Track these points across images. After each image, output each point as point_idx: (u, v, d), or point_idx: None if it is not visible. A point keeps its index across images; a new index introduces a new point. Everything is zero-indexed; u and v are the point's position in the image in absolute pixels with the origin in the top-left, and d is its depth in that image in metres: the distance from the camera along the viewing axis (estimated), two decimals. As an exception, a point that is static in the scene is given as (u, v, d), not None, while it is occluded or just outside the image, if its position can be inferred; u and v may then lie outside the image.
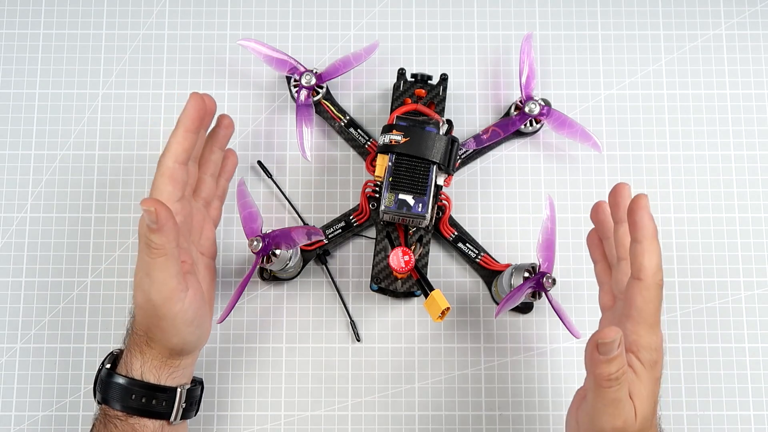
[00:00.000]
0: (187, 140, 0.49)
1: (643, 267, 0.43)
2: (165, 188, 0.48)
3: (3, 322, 0.60)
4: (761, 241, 0.62)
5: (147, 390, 0.48)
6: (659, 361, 0.45)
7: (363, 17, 0.65)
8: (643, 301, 0.43)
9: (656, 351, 0.44)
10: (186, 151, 0.49)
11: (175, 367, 0.50)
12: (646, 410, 0.43)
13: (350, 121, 0.62)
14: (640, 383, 0.44)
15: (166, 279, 0.46)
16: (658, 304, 0.44)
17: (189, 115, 0.50)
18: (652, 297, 0.43)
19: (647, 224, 0.43)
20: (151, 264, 0.46)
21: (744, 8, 0.65)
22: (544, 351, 0.60)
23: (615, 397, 0.43)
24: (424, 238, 0.58)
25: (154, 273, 0.46)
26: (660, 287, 0.44)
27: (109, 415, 0.48)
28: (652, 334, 0.44)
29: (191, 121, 0.50)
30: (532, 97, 0.60)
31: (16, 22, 0.65)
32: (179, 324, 0.48)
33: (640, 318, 0.44)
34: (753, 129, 0.63)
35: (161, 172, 0.49)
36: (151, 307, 0.47)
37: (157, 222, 0.45)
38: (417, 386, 0.59)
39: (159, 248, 0.45)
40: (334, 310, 0.61)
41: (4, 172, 0.63)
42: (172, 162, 0.49)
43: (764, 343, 0.60)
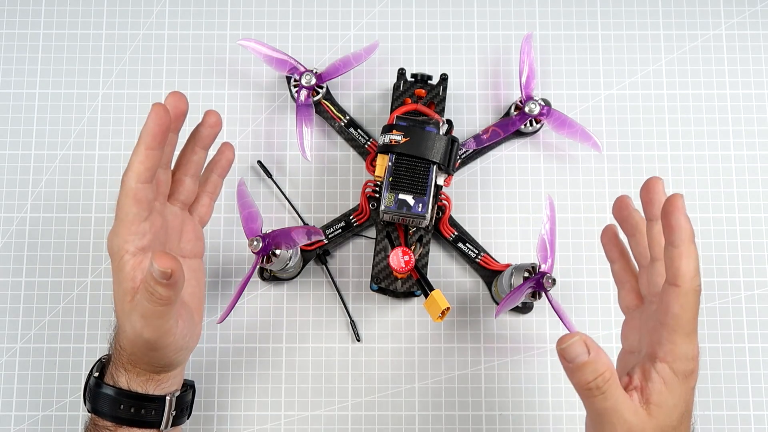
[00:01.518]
0: (150, 158, 0.45)
1: (681, 273, 0.40)
2: (130, 210, 0.45)
3: (3, 322, 0.60)
4: (761, 241, 0.62)
5: (135, 400, 0.47)
6: (695, 371, 0.42)
7: (363, 17, 0.65)
8: (680, 308, 0.41)
9: (692, 361, 0.42)
10: (149, 170, 0.46)
11: (162, 380, 0.49)
12: (666, 421, 0.41)
13: (350, 121, 0.62)
14: (667, 393, 0.41)
15: (163, 323, 0.45)
16: (696, 311, 0.41)
17: (150, 132, 0.45)
18: (689, 304, 0.41)
19: (684, 227, 0.40)
20: (150, 311, 0.44)
21: (744, 8, 0.65)
22: (544, 351, 0.60)
23: (602, 406, 0.41)
24: (424, 238, 0.58)
25: (151, 318, 0.44)
26: (698, 293, 0.41)
27: (98, 424, 0.48)
28: (689, 343, 0.41)
29: (152, 138, 0.45)
30: (532, 97, 0.60)
31: (16, 22, 0.65)
32: (169, 353, 0.47)
33: (677, 326, 0.41)
34: (753, 129, 0.63)
35: (125, 192, 0.45)
36: (142, 342, 0.46)
37: (171, 279, 0.42)
38: (417, 386, 0.59)
39: (163, 300, 0.44)
40: (334, 310, 0.61)
41: (4, 172, 0.63)
42: (135, 182, 0.45)
43: (764, 343, 0.60)
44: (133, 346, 0.47)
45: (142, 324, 0.45)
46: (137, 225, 0.46)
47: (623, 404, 0.41)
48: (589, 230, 0.62)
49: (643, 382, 0.42)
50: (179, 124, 0.49)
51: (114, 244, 0.46)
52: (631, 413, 0.41)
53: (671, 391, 0.41)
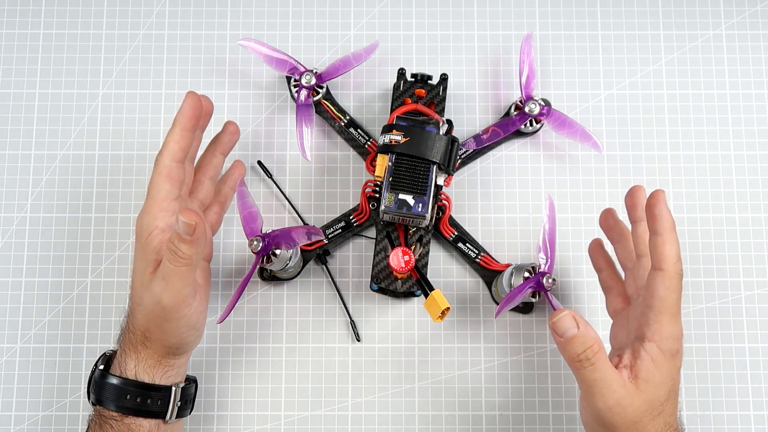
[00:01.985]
0: (184, 139, 0.50)
1: (664, 257, 0.45)
2: (163, 186, 0.49)
3: (3, 322, 0.60)
4: (761, 241, 0.62)
5: (142, 389, 0.48)
6: (680, 351, 0.46)
7: (363, 17, 0.65)
8: (665, 290, 0.45)
9: (677, 340, 0.45)
10: (183, 150, 0.50)
11: (170, 366, 0.50)
12: (654, 395, 0.45)
13: (350, 121, 0.62)
14: (655, 369, 0.45)
15: (183, 287, 0.47)
16: (679, 293, 0.46)
17: (185, 114, 0.50)
18: (673, 286, 0.45)
19: (666, 216, 0.45)
20: (172, 271, 0.46)
21: (744, 8, 0.65)
22: (544, 351, 0.60)
23: (592, 377, 0.44)
24: (424, 238, 0.58)
25: (172, 279, 0.46)
26: (680, 276, 0.45)
27: (104, 415, 0.48)
28: (674, 324, 0.45)
29: (187, 120, 0.50)
30: (532, 97, 0.60)
31: (16, 22, 0.65)
32: (182, 327, 0.48)
33: (663, 307, 0.45)
34: (753, 129, 0.63)
35: (158, 170, 0.49)
36: (159, 310, 0.47)
37: (195, 234, 0.45)
38: (417, 386, 0.59)
39: (185, 258, 0.45)
40: (334, 310, 0.61)
41: (4, 172, 0.63)
42: (169, 160, 0.49)
43: (764, 343, 0.60)
44: (148, 319, 0.48)
45: (163, 287, 0.46)
46: (168, 202, 0.49)
47: (612, 376, 0.44)
48: (589, 230, 0.62)
49: (633, 360, 0.46)
50: (205, 121, 0.53)
51: (144, 221, 0.48)
52: (619, 385, 0.44)
53: (659, 367, 0.45)
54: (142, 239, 0.48)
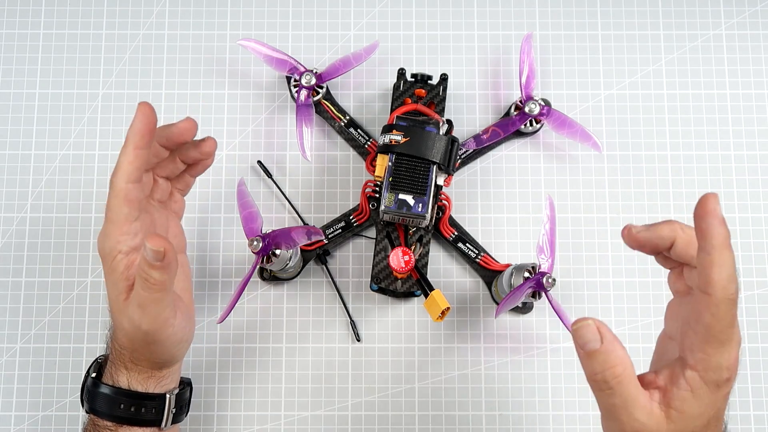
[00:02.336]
0: (138, 158, 0.45)
1: (712, 282, 0.37)
2: (121, 210, 0.45)
3: (3, 322, 0.60)
4: (761, 241, 0.62)
5: (135, 399, 0.48)
6: (731, 378, 0.39)
7: (363, 17, 0.65)
8: (712, 318, 0.38)
9: (728, 369, 0.38)
10: (138, 169, 0.46)
11: (162, 377, 0.49)
12: (689, 427, 0.39)
13: (350, 121, 0.62)
14: (692, 401, 0.38)
15: (160, 311, 0.45)
16: (731, 319, 0.38)
17: (138, 131, 0.45)
18: (722, 314, 0.37)
19: (717, 232, 0.37)
20: (147, 298, 0.44)
21: (744, 8, 0.65)
22: (544, 351, 0.60)
23: (609, 402, 0.39)
24: (424, 238, 0.58)
25: (148, 306, 0.45)
26: (733, 302, 0.38)
27: (98, 425, 0.48)
28: (723, 353, 0.38)
29: (140, 137, 0.45)
30: (532, 97, 0.60)
31: (16, 22, 0.65)
32: (168, 345, 0.47)
33: (709, 336, 0.38)
34: (753, 129, 0.63)
35: (115, 193, 0.45)
36: (141, 335, 0.46)
37: (165, 260, 0.43)
38: (417, 386, 0.59)
39: (158, 284, 0.44)
40: (334, 310, 0.61)
41: (4, 172, 0.63)
42: (125, 182, 0.45)
43: (764, 343, 0.60)
44: (132, 342, 0.47)
45: (140, 315, 0.45)
46: (128, 225, 0.46)
47: (635, 403, 0.38)
48: (589, 230, 0.62)
49: (669, 385, 0.39)
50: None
51: (106, 245, 0.46)
52: (643, 413, 0.39)
53: (698, 399, 0.39)
54: (107, 264, 0.46)
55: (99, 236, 0.46)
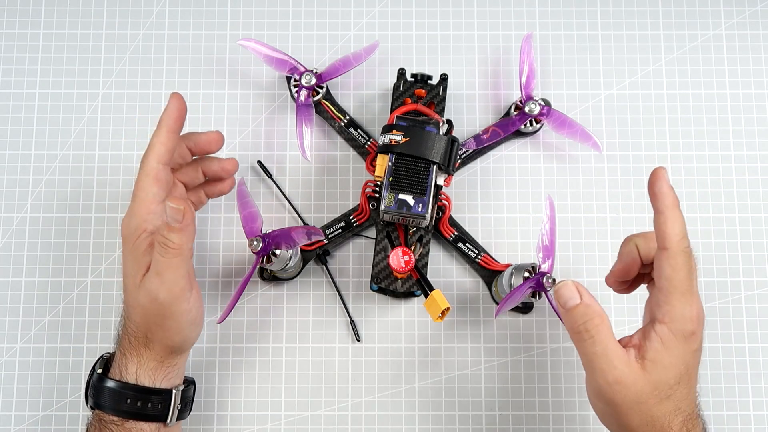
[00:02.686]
0: (170, 140, 0.49)
1: (667, 235, 0.42)
2: (150, 189, 0.48)
3: (3, 322, 0.60)
4: (761, 241, 0.62)
5: (142, 393, 0.48)
6: (697, 333, 0.43)
7: (363, 17, 0.65)
8: (671, 269, 0.42)
9: (691, 321, 0.43)
10: (169, 152, 0.49)
11: (171, 367, 0.50)
12: (661, 377, 0.43)
13: (350, 121, 0.62)
14: (663, 351, 0.43)
15: (178, 279, 0.47)
16: (689, 271, 0.43)
17: (171, 115, 0.49)
18: (680, 264, 0.42)
19: (666, 192, 0.43)
20: (165, 264, 0.46)
21: (744, 8, 0.65)
22: (544, 351, 0.60)
23: (591, 351, 0.43)
24: (424, 238, 0.58)
25: (166, 273, 0.46)
26: (688, 254, 0.43)
27: (104, 420, 0.48)
28: (686, 304, 0.43)
29: (173, 121, 0.49)
30: (532, 97, 0.60)
31: (16, 22, 0.65)
32: (183, 323, 0.48)
33: (671, 287, 0.43)
34: (753, 129, 0.63)
35: (146, 172, 0.48)
36: (157, 307, 0.47)
37: (184, 220, 0.45)
38: (417, 386, 0.59)
39: (177, 248, 0.45)
40: (334, 310, 0.61)
41: (4, 172, 0.63)
42: (156, 162, 0.48)
43: (764, 343, 0.60)
44: (148, 319, 0.47)
45: (158, 283, 0.46)
46: (156, 204, 0.48)
47: (613, 352, 0.43)
48: (589, 230, 0.62)
49: (642, 341, 0.44)
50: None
51: (132, 223, 0.48)
52: (621, 362, 0.43)
53: (668, 350, 0.43)
54: (130, 242, 0.48)
55: (124, 218, 0.48)
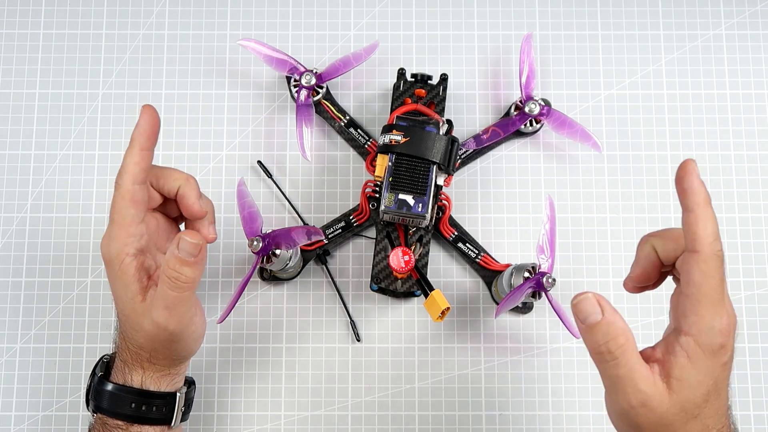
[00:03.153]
0: (144, 159, 0.46)
1: (698, 237, 0.38)
2: (128, 211, 0.46)
3: (3, 322, 0.60)
4: (761, 241, 0.62)
5: (146, 398, 0.48)
6: (727, 345, 0.39)
7: (363, 17, 0.65)
8: (701, 275, 0.38)
9: (722, 333, 0.38)
10: (144, 171, 0.46)
11: (176, 374, 0.50)
12: (689, 396, 0.39)
13: (350, 121, 0.62)
14: (690, 367, 0.39)
15: (187, 310, 0.46)
16: (720, 278, 0.38)
17: (144, 132, 0.45)
18: (711, 270, 0.38)
19: (698, 189, 0.39)
20: (176, 298, 0.44)
21: (744, 8, 0.65)
22: (544, 351, 0.60)
23: (614, 374, 0.39)
24: (424, 238, 0.58)
25: (177, 306, 0.45)
26: (720, 258, 0.38)
27: (108, 424, 0.48)
28: (715, 314, 0.38)
29: (146, 138, 0.45)
30: (532, 97, 0.60)
31: (16, 22, 0.65)
32: (190, 342, 0.48)
33: (700, 295, 0.38)
34: (753, 129, 0.63)
35: (121, 194, 0.45)
36: (166, 335, 0.46)
37: (197, 256, 0.44)
38: (417, 386, 0.59)
39: (189, 282, 0.44)
40: (334, 310, 0.61)
41: (4, 172, 0.63)
42: (131, 183, 0.45)
43: (764, 343, 0.60)
44: (154, 343, 0.47)
45: (167, 316, 0.45)
46: (135, 226, 0.46)
47: (638, 373, 0.39)
48: (589, 230, 0.62)
49: (666, 356, 0.40)
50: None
51: (112, 248, 0.46)
52: (647, 384, 0.39)
53: (695, 366, 0.39)
54: (114, 267, 0.46)
55: (103, 239, 0.46)
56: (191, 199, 0.48)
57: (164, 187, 0.48)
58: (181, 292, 0.44)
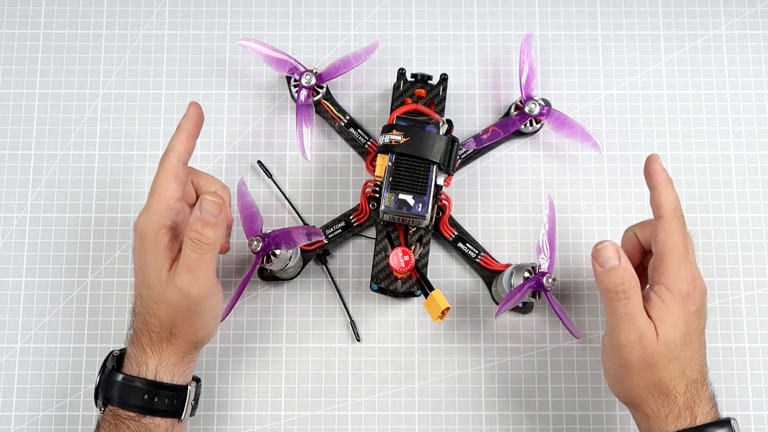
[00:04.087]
0: (190, 142, 0.50)
1: (661, 205, 0.47)
2: (170, 185, 0.49)
3: (3, 322, 0.60)
4: (761, 241, 0.62)
5: (159, 389, 0.48)
6: (692, 295, 0.46)
7: (363, 17, 0.65)
8: (665, 234, 0.46)
9: (687, 283, 0.46)
10: (188, 152, 0.50)
11: (190, 361, 0.51)
12: (670, 335, 0.46)
13: (350, 121, 0.62)
14: (666, 309, 0.46)
15: (210, 275, 0.47)
16: (682, 236, 0.47)
17: (191, 120, 0.50)
18: (673, 229, 0.46)
19: (659, 171, 0.48)
20: (197, 260, 0.46)
21: (744, 8, 0.65)
22: (544, 351, 0.60)
23: (625, 311, 0.45)
24: (424, 238, 0.58)
25: (198, 269, 0.46)
26: (680, 220, 0.47)
27: (120, 416, 0.48)
28: (680, 267, 0.46)
29: (193, 125, 0.50)
30: (532, 97, 0.60)
31: (16, 22, 0.65)
32: (209, 318, 0.49)
33: (666, 250, 0.46)
34: (753, 129, 0.63)
35: (165, 169, 0.49)
36: (188, 303, 0.47)
37: (218, 216, 0.46)
38: (417, 386, 0.59)
39: (211, 243, 0.46)
40: (334, 310, 0.61)
41: (4, 172, 0.63)
42: (177, 160, 0.49)
43: (764, 343, 0.60)
44: (175, 315, 0.48)
45: (190, 280, 0.47)
46: (174, 201, 0.49)
47: (641, 314, 0.46)
48: (589, 230, 0.62)
49: (645, 303, 0.47)
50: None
51: (150, 219, 0.48)
52: (645, 323, 0.46)
53: (669, 308, 0.46)
54: (149, 237, 0.48)
55: (140, 214, 0.49)
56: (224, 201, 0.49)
57: (202, 187, 0.53)
58: (203, 253, 0.46)
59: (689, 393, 0.46)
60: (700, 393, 0.47)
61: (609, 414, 0.58)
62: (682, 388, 0.46)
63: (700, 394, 0.47)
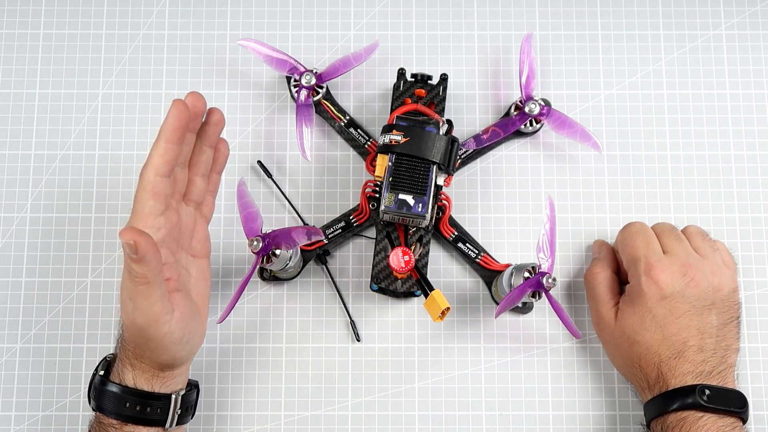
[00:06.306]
0: (169, 152, 0.46)
1: (604, 246, 0.60)
2: (147, 203, 0.46)
3: (3, 322, 0.60)
4: (761, 241, 0.62)
5: (141, 398, 0.48)
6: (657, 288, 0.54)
7: (363, 17, 0.65)
8: (620, 254, 0.58)
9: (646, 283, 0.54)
10: (168, 164, 0.46)
11: (167, 377, 0.49)
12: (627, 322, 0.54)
13: (350, 121, 0.62)
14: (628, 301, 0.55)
15: (150, 305, 0.45)
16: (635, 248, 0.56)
17: (170, 126, 0.46)
18: (623, 248, 0.58)
19: (598, 246, 0.61)
20: (134, 290, 0.44)
21: (744, 8, 0.65)
22: (544, 351, 0.60)
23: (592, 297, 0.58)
24: (424, 238, 0.58)
25: (137, 299, 0.45)
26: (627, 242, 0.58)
27: (103, 422, 0.48)
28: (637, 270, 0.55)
29: (172, 132, 0.46)
30: (532, 97, 0.60)
31: (16, 22, 0.65)
32: (167, 344, 0.47)
33: (626, 263, 0.57)
34: (753, 129, 0.63)
35: (143, 186, 0.46)
36: (137, 330, 0.46)
37: (138, 253, 0.42)
38: (417, 386, 0.59)
39: (140, 277, 0.44)
40: (334, 310, 0.61)
41: (4, 172, 0.63)
42: (153, 176, 0.46)
43: (764, 343, 0.60)
44: (131, 336, 0.47)
45: (132, 307, 0.45)
46: (153, 219, 0.46)
47: (606, 301, 0.57)
48: (589, 230, 0.62)
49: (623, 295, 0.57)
50: (197, 123, 0.49)
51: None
52: (607, 310, 0.57)
53: (631, 299, 0.55)
54: (125, 267, 0.45)
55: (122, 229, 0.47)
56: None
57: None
58: (136, 285, 0.44)
59: (665, 366, 0.52)
60: (675, 367, 0.52)
61: (609, 414, 0.58)
62: (652, 366, 0.52)
63: (675, 368, 0.52)
